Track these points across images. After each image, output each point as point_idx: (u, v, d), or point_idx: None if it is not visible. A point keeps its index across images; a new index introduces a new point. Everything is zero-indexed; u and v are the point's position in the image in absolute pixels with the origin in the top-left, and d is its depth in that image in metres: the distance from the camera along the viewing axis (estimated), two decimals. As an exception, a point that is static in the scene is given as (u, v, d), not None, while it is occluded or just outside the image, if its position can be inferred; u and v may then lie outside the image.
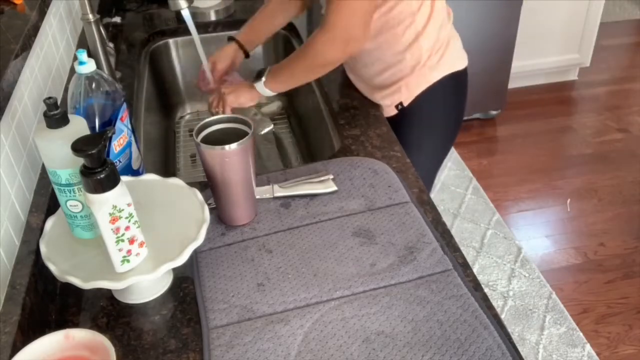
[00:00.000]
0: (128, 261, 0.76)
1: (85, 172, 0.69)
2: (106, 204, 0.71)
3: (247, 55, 1.36)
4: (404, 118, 1.26)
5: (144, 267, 0.77)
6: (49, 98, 0.72)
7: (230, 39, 1.36)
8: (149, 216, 0.85)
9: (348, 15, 1.06)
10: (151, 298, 0.84)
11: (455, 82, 1.26)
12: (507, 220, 2.34)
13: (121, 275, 0.76)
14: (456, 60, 1.26)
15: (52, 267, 0.76)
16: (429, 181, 1.42)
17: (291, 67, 1.16)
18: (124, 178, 0.92)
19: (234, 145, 0.85)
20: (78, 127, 0.76)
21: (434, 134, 1.31)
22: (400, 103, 1.23)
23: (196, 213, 0.85)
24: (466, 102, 1.35)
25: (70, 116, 0.76)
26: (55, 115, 0.73)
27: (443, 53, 1.22)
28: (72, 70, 1.06)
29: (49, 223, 0.83)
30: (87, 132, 0.77)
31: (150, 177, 0.93)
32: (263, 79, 1.17)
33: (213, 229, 0.93)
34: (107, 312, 0.82)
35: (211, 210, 0.91)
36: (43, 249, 0.79)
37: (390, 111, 1.25)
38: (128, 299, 0.84)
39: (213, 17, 1.66)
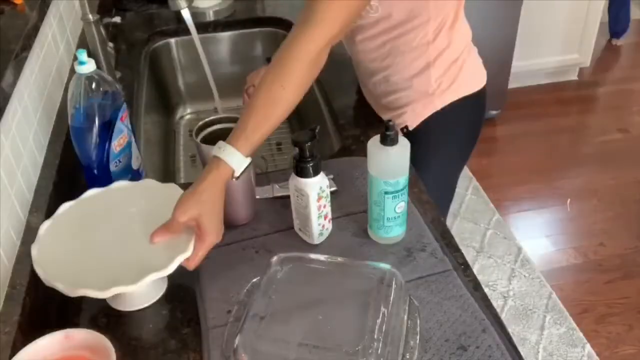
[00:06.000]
0: (322, 234, 0.90)
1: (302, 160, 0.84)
2: (317, 186, 0.85)
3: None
4: (409, 138, 1.20)
5: (129, 278, 0.75)
6: (389, 121, 0.81)
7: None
8: (142, 225, 0.83)
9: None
10: (145, 305, 0.83)
11: (469, 103, 1.17)
12: (507, 220, 2.34)
13: (106, 285, 0.74)
14: (470, 81, 1.17)
15: (40, 272, 0.76)
16: (445, 200, 1.32)
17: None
18: (121, 183, 0.91)
19: (234, 145, 0.85)
20: (402, 146, 0.84)
21: (443, 155, 1.22)
22: (406, 126, 1.16)
23: None
24: (483, 120, 1.26)
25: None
26: (390, 136, 0.82)
27: (455, 78, 1.14)
28: (72, 70, 1.06)
29: (43, 227, 0.83)
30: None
31: (148, 182, 0.92)
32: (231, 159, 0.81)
33: (213, 229, 0.93)
34: (107, 312, 0.82)
35: (211, 210, 0.90)
36: (34, 253, 0.78)
37: None
38: (122, 307, 0.83)
39: (213, 17, 1.66)
